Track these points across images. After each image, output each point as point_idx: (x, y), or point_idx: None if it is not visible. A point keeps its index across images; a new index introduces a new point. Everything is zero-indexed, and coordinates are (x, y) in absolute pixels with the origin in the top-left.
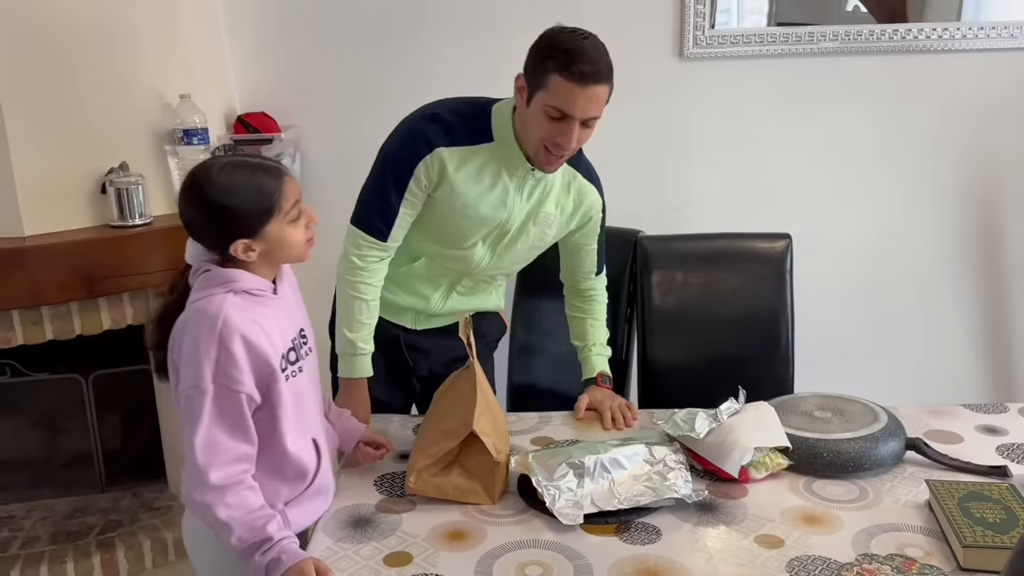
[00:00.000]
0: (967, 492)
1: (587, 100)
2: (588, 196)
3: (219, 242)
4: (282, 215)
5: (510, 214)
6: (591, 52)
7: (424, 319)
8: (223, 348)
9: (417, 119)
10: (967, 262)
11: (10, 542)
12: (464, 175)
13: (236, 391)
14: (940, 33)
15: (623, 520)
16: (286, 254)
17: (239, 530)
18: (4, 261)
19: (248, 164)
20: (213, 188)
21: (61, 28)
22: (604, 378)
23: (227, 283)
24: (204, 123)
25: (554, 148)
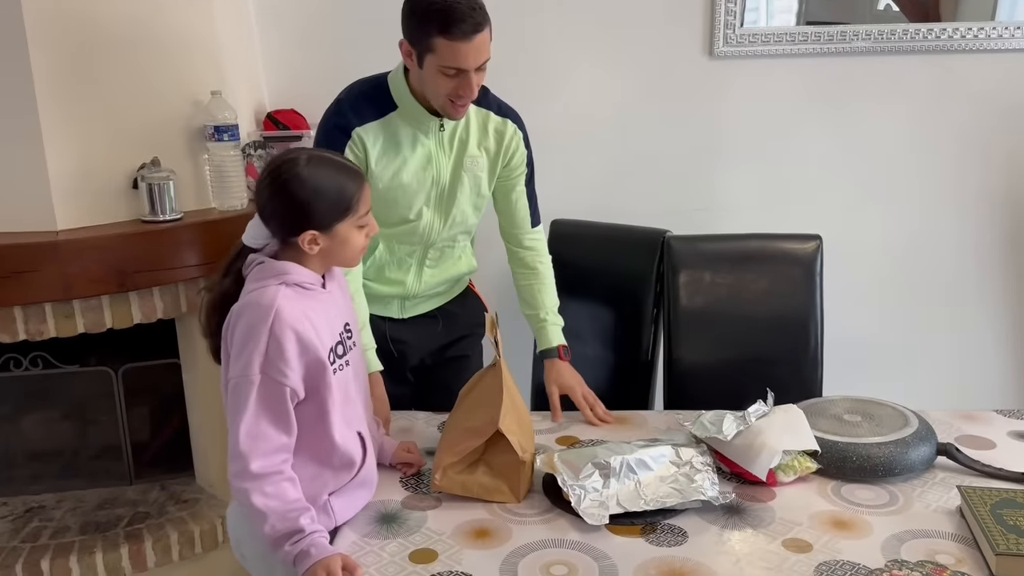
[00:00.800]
0: (1000, 499)
1: (475, 51)
2: (507, 129)
3: (290, 231)
4: (356, 218)
5: (438, 169)
6: (463, 5)
7: (410, 305)
8: (273, 340)
9: (329, 113)
10: (1001, 264)
11: (40, 532)
12: (383, 147)
13: (282, 383)
14: (976, 33)
15: (649, 521)
16: (342, 256)
17: (273, 519)
18: (37, 255)
19: (333, 162)
20: (298, 181)
21: (96, 25)
22: (565, 350)
23: (280, 275)
24: (235, 119)
25: (457, 99)
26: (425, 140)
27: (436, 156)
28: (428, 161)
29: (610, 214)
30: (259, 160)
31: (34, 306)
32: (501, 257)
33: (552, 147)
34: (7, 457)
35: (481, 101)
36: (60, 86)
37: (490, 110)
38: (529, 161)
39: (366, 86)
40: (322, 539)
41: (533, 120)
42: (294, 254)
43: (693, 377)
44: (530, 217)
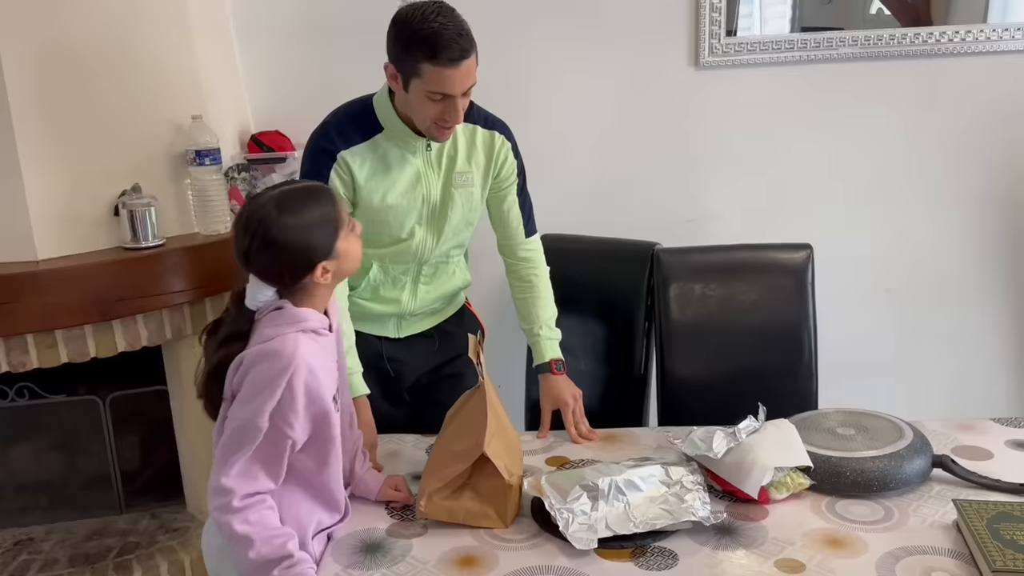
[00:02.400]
0: (997, 512)
1: (462, 77)
2: (495, 141)
3: (301, 275)
4: (346, 229)
5: (428, 188)
6: (449, 31)
7: (406, 324)
8: (288, 391)
9: (315, 137)
10: (995, 271)
11: (29, 565)
12: (371, 169)
13: (287, 434)
14: (964, 36)
15: (639, 544)
16: (350, 268)
17: (258, 544)
18: (17, 286)
19: (298, 192)
20: (282, 229)
21: (75, 51)
22: (558, 364)
23: (298, 322)
24: (216, 143)
25: (443, 123)
26: (413, 159)
27: (425, 174)
28: (417, 180)
29: (598, 228)
30: (242, 183)
31: (15, 337)
32: (495, 271)
33: (538, 161)
34: None
35: (467, 115)
36: (38, 114)
37: (477, 124)
38: (520, 171)
39: (352, 109)
40: (311, 569)
41: (518, 133)
42: (306, 294)
43: (687, 390)
44: (523, 227)
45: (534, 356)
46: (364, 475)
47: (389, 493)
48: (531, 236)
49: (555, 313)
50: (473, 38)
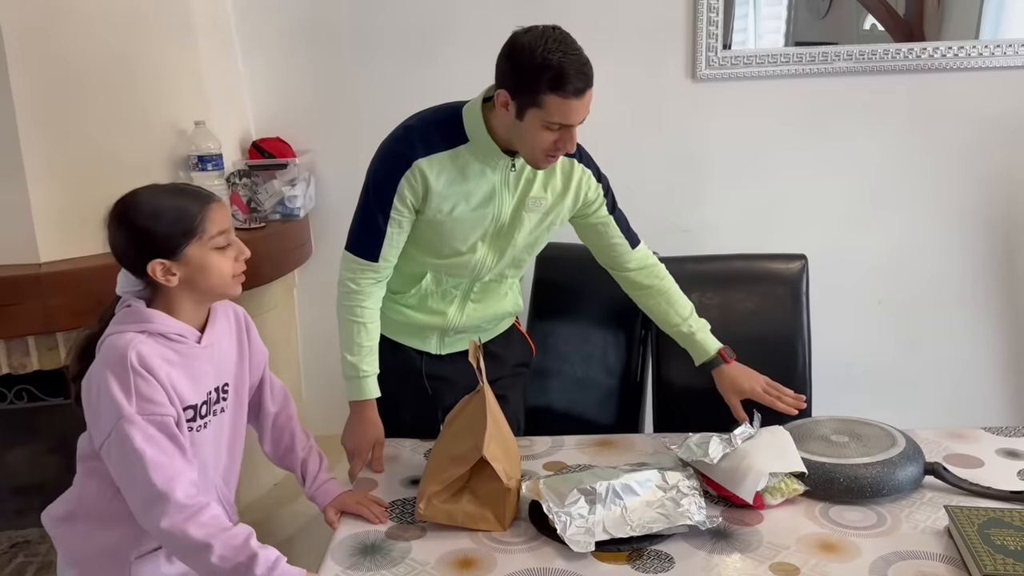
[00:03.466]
0: (988, 518)
1: (584, 107)
2: (575, 170)
3: (140, 265)
4: (205, 238)
5: (500, 207)
6: (574, 62)
7: (449, 340)
8: (139, 376)
9: (393, 139)
10: (986, 283)
11: (25, 568)
12: (447, 179)
13: (162, 416)
14: (956, 51)
15: (635, 547)
16: (209, 283)
17: (219, 548)
18: (20, 288)
19: (176, 189)
20: (135, 209)
21: (79, 56)
22: (727, 351)
23: (141, 322)
24: (218, 149)
25: (555, 152)
26: (492, 176)
27: (500, 193)
28: (491, 197)
29: None
30: (244, 189)
31: (17, 339)
32: None
33: None
34: None
35: None
36: (42, 117)
37: None
38: (606, 191)
39: (438, 115)
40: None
41: None
42: (161, 295)
43: (683, 398)
44: (626, 240)
45: (694, 355)
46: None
47: (329, 516)
48: (636, 247)
49: (693, 307)
50: (591, 65)
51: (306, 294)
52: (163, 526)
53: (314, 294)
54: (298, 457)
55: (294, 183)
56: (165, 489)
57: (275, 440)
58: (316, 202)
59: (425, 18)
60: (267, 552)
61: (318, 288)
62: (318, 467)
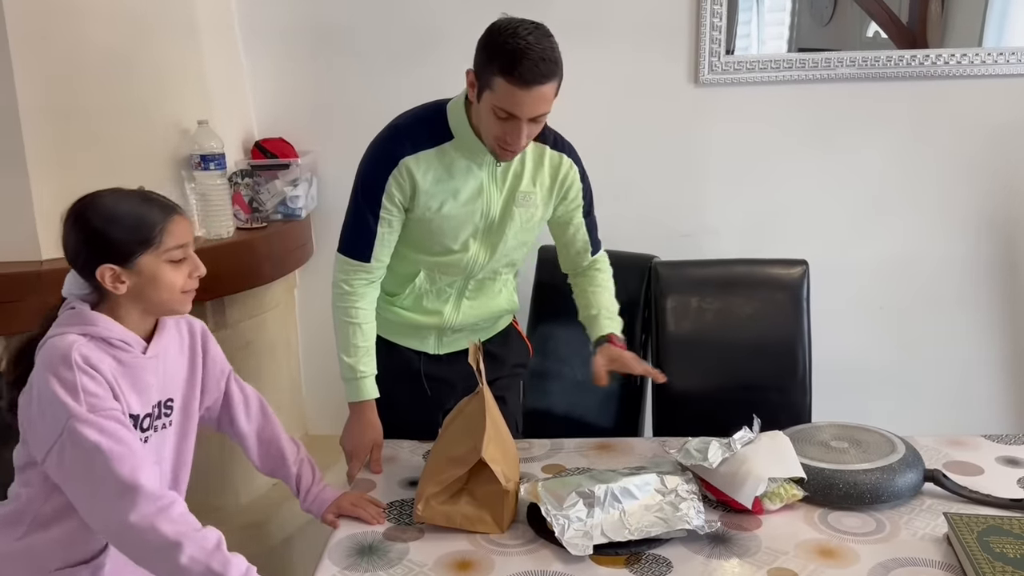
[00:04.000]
0: (987, 526)
1: (532, 101)
2: (562, 165)
3: (90, 268)
4: (160, 250)
5: (489, 203)
6: (534, 52)
7: (447, 340)
8: (84, 374)
9: (380, 138)
10: (987, 290)
11: None
12: (434, 177)
13: (112, 410)
14: (960, 59)
15: (633, 551)
16: (158, 297)
17: (190, 548)
18: (20, 285)
19: (140, 195)
20: (93, 210)
21: (83, 54)
22: (618, 338)
23: (83, 325)
24: (221, 149)
25: (505, 145)
26: (478, 172)
27: (488, 189)
28: (479, 193)
29: None
30: (246, 189)
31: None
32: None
33: None
34: None
35: (539, 135)
36: (46, 114)
37: (547, 144)
38: (586, 193)
39: (425, 112)
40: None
41: None
42: (108, 302)
43: (682, 402)
44: (590, 246)
45: (591, 334)
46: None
47: (329, 520)
48: (596, 253)
49: (617, 308)
50: (558, 67)
51: (307, 294)
52: (132, 520)
53: (315, 294)
54: (291, 471)
55: (296, 183)
56: (132, 479)
57: (262, 455)
58: (318, 202)
59: (428, 20)
60: (239, 560)
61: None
62: (311, 479)
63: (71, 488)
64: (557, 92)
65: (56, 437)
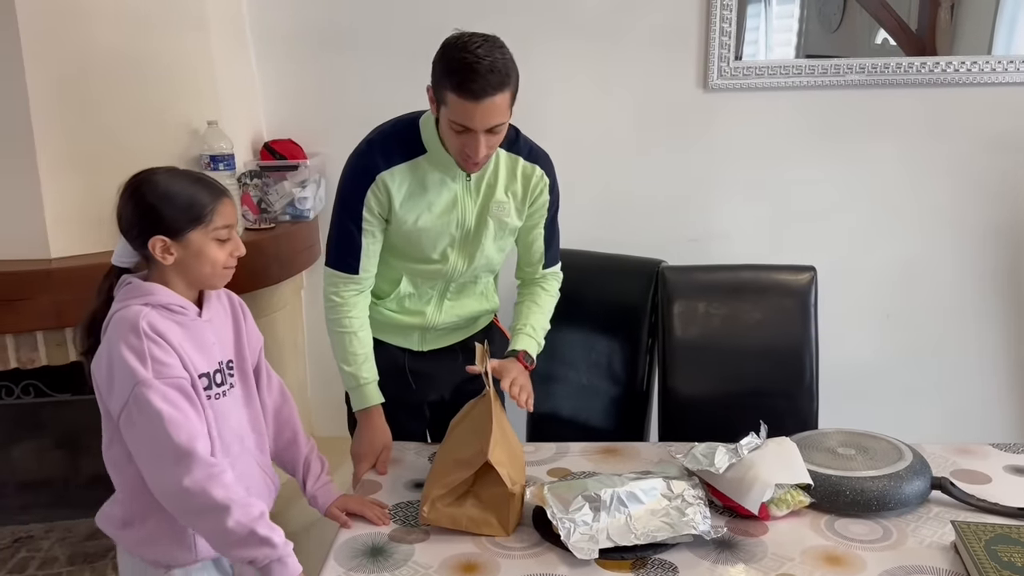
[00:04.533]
0: (995, 535)
1: (484, 113)
2: (533, 175)
3: (143, 239)
4: (209, 228)
5: (463, 213)
6: (482, 65)
7: (430, 337)
8: (151, 342)
9: (357, 154)
10: (996, 298)
11: (28, 563)
12: (409, 191)
13: (177, 378)
14: (969, 67)
15: (639, 556)
16: (201, 271)
17: (237, 513)
18: (30, 283)
19: (192, 176)
20: (149, 186)
21: (95, 54)
22: (526, 356)
23: (144, 295)
24: (231, 149)
25: (466, 157)
26: (452, 185)
27: (462, 200)
28: (453, 205)
29: (605, 244)
30: (255, 189)
31: (26, 334)
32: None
33: None
34: None
35: (512, 146)
36: (57, 114)
37: (520, 155)
38: (552, 205)
39: (397, 127)
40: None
41: None
42: (156, 272)
43: (688, 407)
44: (544, 258)
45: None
46: (316, 491)
47: (333, 512)
48: (549, 267)
49: (546, 329)
50: (509, 77)
51: (313, 296)
52: (185, 484)
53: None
54: (301, 453)
55: (304, 185)
56: (188, 446)
57: (276, 435)
58: (326, 204)
59: (437, 23)
60: (280, 531)
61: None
62: (320, 468)
63: (136, 450)
64: (513, 101)
65: (125, 400)
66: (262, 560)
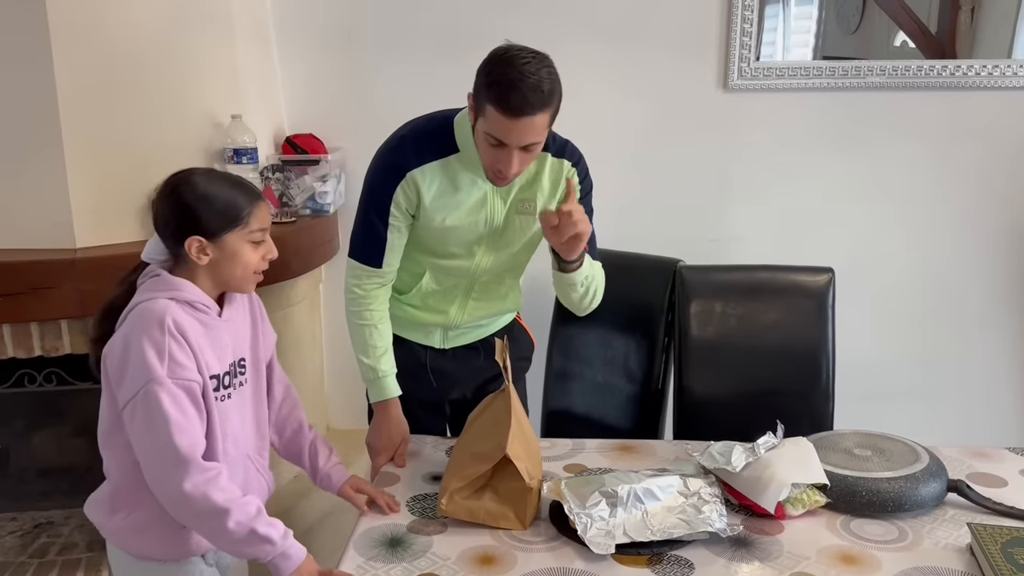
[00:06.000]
0: (1011, 537)
1: (520, 131)
2: (562, 169)
3: (178, 238)
4: (246, 231)
5: (492, 213)
6: (526, 82)
7: (452, 335)
8: (173, 340)
9: (387, 148)
10: (1013, 302)
11: (48, 548)
12: (439, 190)
13: (189, 380)
14: (991, 70)
15: (655, 552)
16: (232, 272)
17: (236, 514)
18: (55, 271)
19: (230, 179)
20: (188, 186)
21: (121, 47)
22: None
23: (171, 290)
24: (254, 143)
25: (497, 172)
26: (482, 184)
27: (492, 200)
28: (482, 204)
29: (622, 242)
30: (276, 183)
31: (50, 322)
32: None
33: None
34: (18, 472)
35: None
36: (84, 105)
37: (548, 151)
38: (585, 194)
39: (431, 124)
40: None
41: None
42: (185, 269)
43: (703, 407)
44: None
45: None
46: (329, 470)
47: (348, 492)
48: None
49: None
50: (552, 97)
51: (332, 290)
52: (185, 488)
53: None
54: (306, 440)
55: (325, 179)
56: (189, 453)
57: (281, 428)
58: (346, 199)
59: (458, 19)
60: (278, 523)
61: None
62: (328, 451)
63: (137, 446)
64: (553, 121)
65: (135, 393)
66: (264, 557)
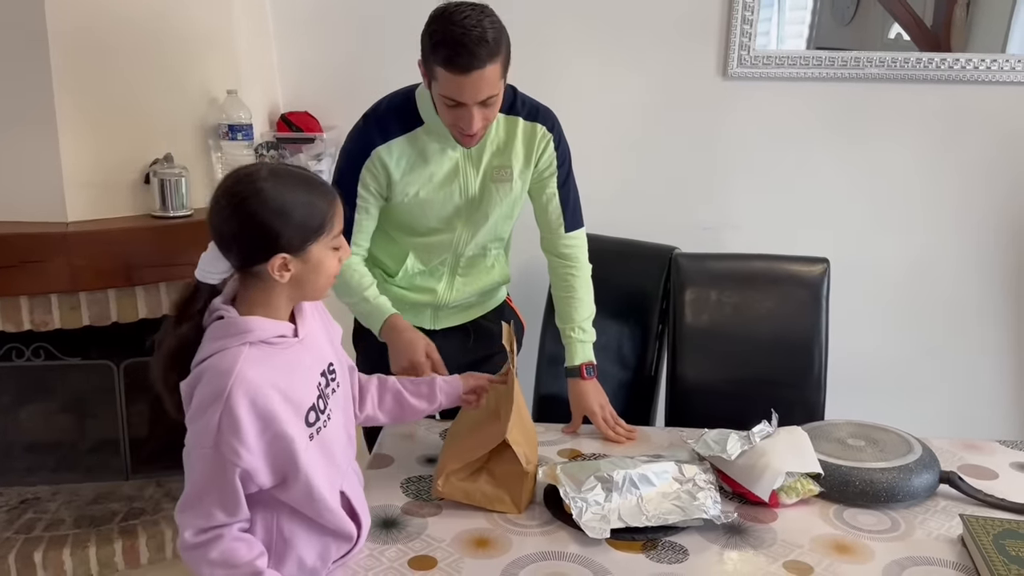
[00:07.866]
0: (1002, 529)
1: (473, 86)
2: (536, 132)
3: (257, 257)
4: (329, 237)
5: (466, 182)
6: (470, 35)
7: (443, 315)
8: (227, 415)
9: (354, 129)
10: (1007, 294)
11: (34, 524)
12: (408, 164)
13: (233, 463)
14: (988, 64)
15: (650, 537)
16: (315, 284)
17: None
18: (46, 245)
19: (296, 177)
20: (259, 201)
21: (115, 20)
22: (588, 368)
23: (242, 334)
24: (249, 119)
25: (460, 131)
26: (452, 154)
27: (464, 168)
28: (455, 174)
29: (619, 229)
30: (271, 160)
31: (40, 296)
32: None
33: None
34: (4, 447)
35: (511, 108)
36: (77, 79)
37: (519, 115)
38: (561, 162)
39: (395, 100)
40: None
41: None
42: (258, 289)
43: (695, 394)
44: (563, 221)
45: (566, 358)
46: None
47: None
48: (572, 231)
49: (592, 313)
50: (499, 46)
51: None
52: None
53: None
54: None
55: (320, 158)
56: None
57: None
58: None
59: None
60: None
61: None
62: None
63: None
64: (505, 70)
65: (191, 447)
66: None
